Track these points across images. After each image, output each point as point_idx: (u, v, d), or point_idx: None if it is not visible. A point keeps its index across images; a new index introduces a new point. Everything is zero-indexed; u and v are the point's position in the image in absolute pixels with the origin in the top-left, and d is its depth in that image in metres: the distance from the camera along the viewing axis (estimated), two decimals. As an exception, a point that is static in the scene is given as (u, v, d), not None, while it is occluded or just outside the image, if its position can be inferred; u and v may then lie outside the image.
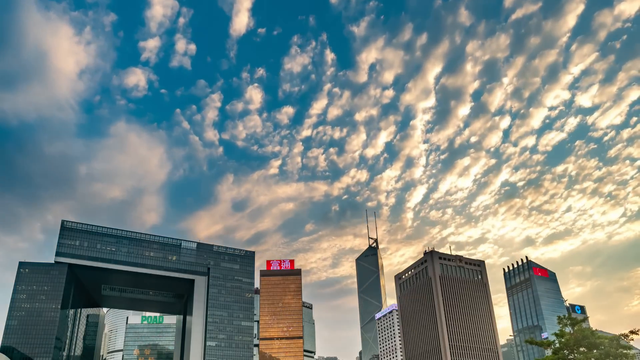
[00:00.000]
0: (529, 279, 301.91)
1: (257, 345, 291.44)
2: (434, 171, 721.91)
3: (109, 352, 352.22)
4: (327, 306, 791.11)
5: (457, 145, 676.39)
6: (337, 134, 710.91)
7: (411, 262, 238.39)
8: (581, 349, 53.47)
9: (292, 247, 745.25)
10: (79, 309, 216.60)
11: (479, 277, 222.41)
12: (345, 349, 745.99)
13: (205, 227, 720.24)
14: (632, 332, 51.16)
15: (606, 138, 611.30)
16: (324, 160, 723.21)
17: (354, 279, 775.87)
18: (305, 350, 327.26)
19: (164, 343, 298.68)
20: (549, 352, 60.54)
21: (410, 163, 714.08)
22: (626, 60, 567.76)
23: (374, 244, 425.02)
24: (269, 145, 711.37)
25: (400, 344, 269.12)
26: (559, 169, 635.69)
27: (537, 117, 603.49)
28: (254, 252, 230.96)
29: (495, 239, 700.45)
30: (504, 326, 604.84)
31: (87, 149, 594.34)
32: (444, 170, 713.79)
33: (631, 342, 53.22)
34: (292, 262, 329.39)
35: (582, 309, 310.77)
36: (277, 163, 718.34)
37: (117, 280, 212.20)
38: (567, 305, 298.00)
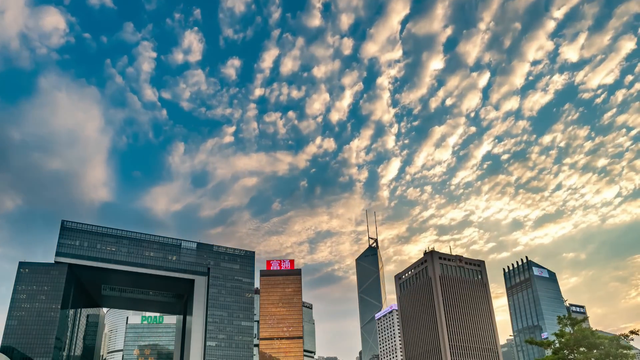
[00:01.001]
0: (529, 279, 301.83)
1: (257, 345, 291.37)
2: (407, 141, 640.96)
3: (109, 352, 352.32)
4: (308, 296, 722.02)
5: (432, 109, 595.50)
6: (294, 93, 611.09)
7: (393, 248, 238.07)
8: (581, 349, 53.50)
9: (264, 228, 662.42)
10: (79, 309, 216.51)
11: (479, 277, 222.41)
12: (342, 344, 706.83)
13: (165, 206, 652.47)
14: (632, 332, 51.19)
15: (598, 100, 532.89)
16: (283, 126, 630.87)
17: (334, 265, 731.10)
18: (305, 350, 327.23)
19: (164, 343, 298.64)
20: (549, 352, 60.58)
21: (380, 131, 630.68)
22: (618, 3, 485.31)
23: (374, 244, 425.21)
24: (217, 107, 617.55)
25: (400, 344, 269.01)
26: (547, 138, 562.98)
27: (519, 73, 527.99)
28: (253, 252, 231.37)
29: (480, 222, 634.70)
30: (500, 319, 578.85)
31: (16, 110, 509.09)
32: (418, 140, 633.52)
33: (631, 342, 53.27)
34: (292, 262, 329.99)
35: (582, 308, 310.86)
36: (230, 129, 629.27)
37: (117, 280, 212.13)
38: (567, 305, 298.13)
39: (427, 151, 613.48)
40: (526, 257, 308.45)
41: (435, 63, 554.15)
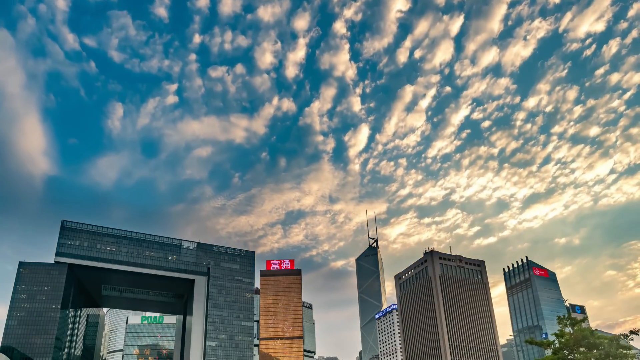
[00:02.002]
0: (529, 279, 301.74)
1: (257, 345, 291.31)
2: (373, 103, 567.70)
3: (109, 352, 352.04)
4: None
5: (400, 64, 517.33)
6: (240, 40, 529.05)
7: (372, 232, 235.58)
8: (581, 349, 53.46)
9: (230, 207, 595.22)
10: (79, 309, 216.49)
11: (479, 277, 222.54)
12: (337, 339, 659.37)
13: (115, 180, 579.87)
14: (632, 332, 51.13)
15: (587, 52, 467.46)
16: (232, 83, 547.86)
17: (311, 250, 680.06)
18: (305, 350, 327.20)
19: (164, 343, 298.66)
20: (549, 352, 60.55)
21: (343, 90, 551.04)
22: None
23: (374, 244, 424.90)
24: (152, 59, 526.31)
25: (400, 344, 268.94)
26: (532, 102, 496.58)
27: (497, 17, 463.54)
28: (254, 252, 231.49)
29: (463, 202, 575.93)
30: (495, 311, 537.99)
31: None
32: (386, 101, 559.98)
33: (631, 342, 53.23)
34: (292, 262, 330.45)
35: (582, 308, 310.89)
36: (172, 87, 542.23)
37: (117, 280, 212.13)
38: (567, 305, 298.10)
39: (397, 116, 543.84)
40: (526, 257, 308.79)
41: (400, 2, 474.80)
